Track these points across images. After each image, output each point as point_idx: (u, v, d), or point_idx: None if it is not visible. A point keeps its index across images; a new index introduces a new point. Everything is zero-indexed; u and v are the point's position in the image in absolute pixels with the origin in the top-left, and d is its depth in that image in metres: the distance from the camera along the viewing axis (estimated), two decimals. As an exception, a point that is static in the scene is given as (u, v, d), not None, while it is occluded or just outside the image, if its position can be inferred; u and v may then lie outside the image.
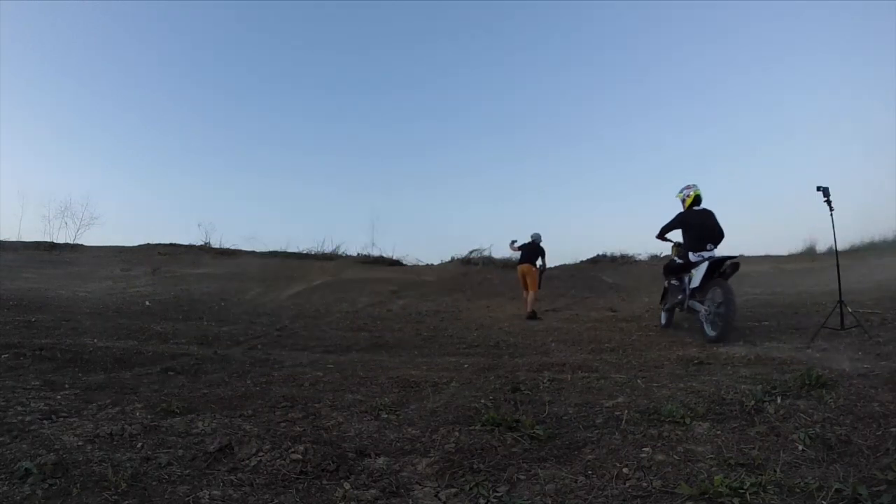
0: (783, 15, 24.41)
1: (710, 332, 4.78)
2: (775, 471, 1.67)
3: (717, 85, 26.62)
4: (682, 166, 26.37)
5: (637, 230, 24.97)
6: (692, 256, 5.30)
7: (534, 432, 2.17)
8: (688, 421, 2.23)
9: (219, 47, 29.23)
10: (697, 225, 5.36)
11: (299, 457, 1.88)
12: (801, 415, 2.20)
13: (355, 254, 15.86)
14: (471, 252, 14.69)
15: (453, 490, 1.68)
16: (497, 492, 1.65)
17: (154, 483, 1.70)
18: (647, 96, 28.64)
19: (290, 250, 16.03)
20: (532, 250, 8.63)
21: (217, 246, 16.38)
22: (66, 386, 3.12)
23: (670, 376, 3.28)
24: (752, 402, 2.40)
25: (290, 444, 2.00)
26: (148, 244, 16.10)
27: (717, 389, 2.76)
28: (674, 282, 5.82)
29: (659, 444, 2.00)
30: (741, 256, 5.34)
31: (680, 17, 26.62)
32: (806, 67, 24.48)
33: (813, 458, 1.79)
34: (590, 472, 1.79)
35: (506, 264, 14.02)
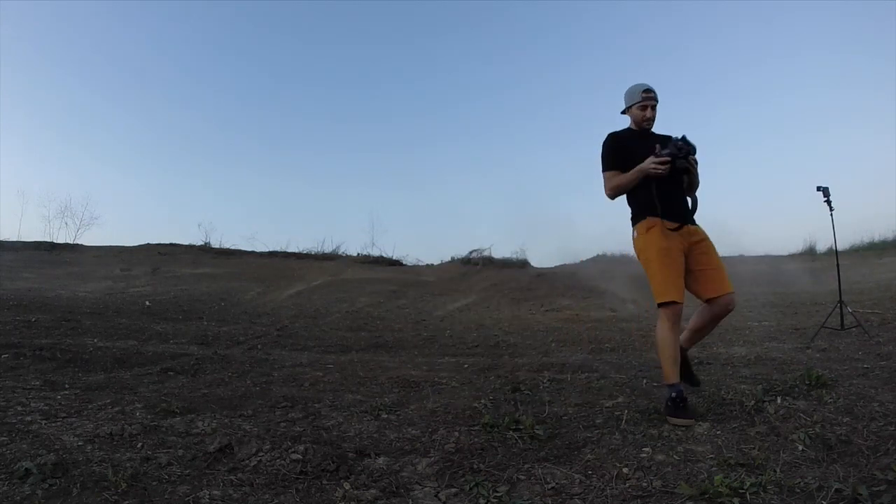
0: (783, 11, 24.42)
1: None
2: (775, 471, 1.67)
3: (716, 82, 26.60)
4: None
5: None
6: None
7: (534, 432, 2.17)
8: (688, 421, 2.23)
9: (218, 46, 29.25)
10: None
11: (299, 457, 1.88)
12: (801, 415, 2.20)
13: (355, 254, 15.87)
14: (471, 252, 14.68)
15: (453, 490, 1.68)
16: (497, 492, 1.65)
17: (154, 483, 1.70)
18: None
19: (290, 250, 16.05)
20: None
21: (217, 246, 16.39)
22: (66, 386, 3.12)
23: (670, 376, 3.27)
24: (752, 402, 2.40)
25: (290, 444, 2.00)
26: (148, 244, 16.08)
27: (717, 389, 2.76)
28: None
29: (659, 444, 2.00)
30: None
31: (679, 12, 26.62)
32: (807, 64, 24.48)
33: (813, 458, 1.78)
34: (590, 472, 1.79)
35: (505, 264, 13.98)
